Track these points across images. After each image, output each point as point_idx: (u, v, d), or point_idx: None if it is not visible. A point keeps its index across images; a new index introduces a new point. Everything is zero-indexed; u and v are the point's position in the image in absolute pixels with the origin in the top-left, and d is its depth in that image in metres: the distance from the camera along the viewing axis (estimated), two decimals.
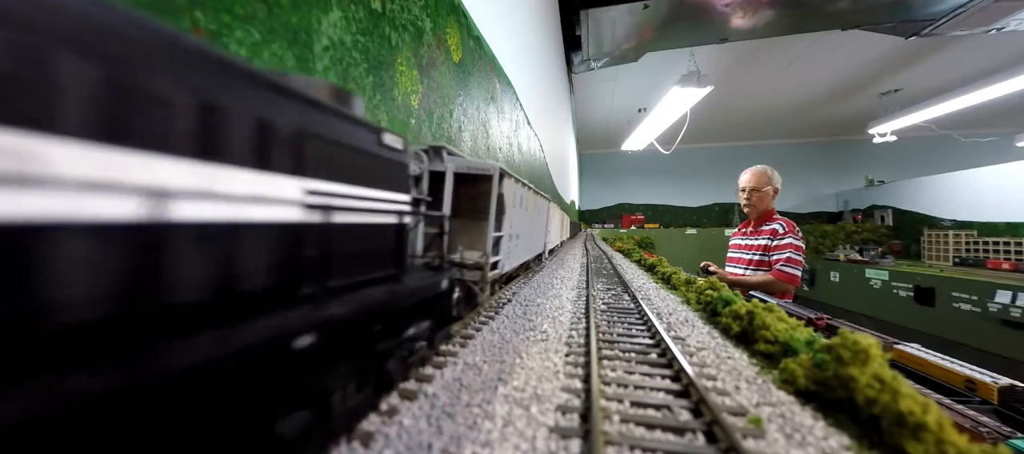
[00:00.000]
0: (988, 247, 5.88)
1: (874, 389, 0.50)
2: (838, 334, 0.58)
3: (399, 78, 1.19)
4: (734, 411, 0.55)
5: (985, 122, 8.44)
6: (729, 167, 4.57)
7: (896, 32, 4.76)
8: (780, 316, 0.84)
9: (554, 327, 0.95)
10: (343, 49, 0.92)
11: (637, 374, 0.68)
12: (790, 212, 10.00)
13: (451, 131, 1.63)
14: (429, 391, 0.59)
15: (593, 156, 12.50)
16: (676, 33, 4.98)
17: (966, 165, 6.89)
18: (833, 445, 0.48)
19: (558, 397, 0.58)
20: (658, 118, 7.06)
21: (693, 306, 1.25)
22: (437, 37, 1.47)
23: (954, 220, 6.80)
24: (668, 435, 0.49)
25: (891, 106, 7.87)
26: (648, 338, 0.89)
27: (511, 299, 1.27)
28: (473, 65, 1.89)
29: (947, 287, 4.79)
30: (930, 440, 0.44)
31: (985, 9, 4.07)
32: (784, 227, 2.61)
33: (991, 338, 4.19)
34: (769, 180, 2.74)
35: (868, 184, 9.53)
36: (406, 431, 0.48)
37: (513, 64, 2.73)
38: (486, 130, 2.10)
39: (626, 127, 8.92)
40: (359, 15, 0.97)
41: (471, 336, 0.86)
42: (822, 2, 4.24)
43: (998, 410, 0.99)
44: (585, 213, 12.23)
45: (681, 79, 5.45)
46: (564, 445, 0.45)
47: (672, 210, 11.88)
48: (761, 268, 2.65)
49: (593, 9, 4.33)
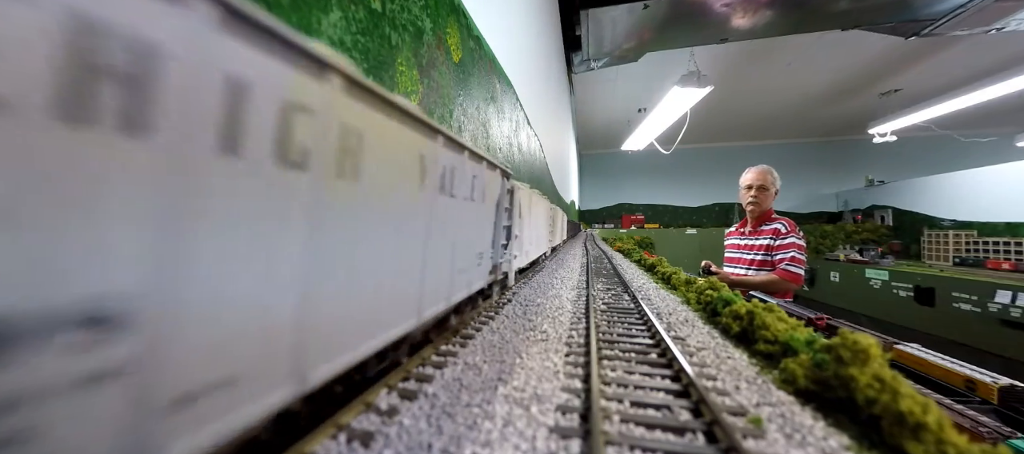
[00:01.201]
0: (988, 247, 5.88)
1: (874, 389, 0.50)
2: (838, 334, 0.58)
3: (399, 78, 1.19)
4: (734, 411, 0.55)
5: (985, 122, 8.44)
6: (729, 167, 4.57)
7: (896, 32, 4.76)
8: (780, 316, 0.84)
9: (554, 327, 0.95)
10: (343, 49, 0.92)
11: (637, 374, 0.68)
12: (790, 212, 10.00)
13: (451, 131, 1.63)
14: (429, 391, 0.59)
15: (593, 156, 12.50)
16: (676, 33, 4.98)
17: (966, 165, 6.90)
18: (833, 445, 0.48)
19: (558, 397, 0.58)
20: (658, 118, 7.07)
21: (693, 306, 1.25)
22: (437, 37, 1.47)
23: (954, 220, 6.81)
24: (668, 435, 0.49)
25: (891, 106, 7.88)
26: (648, 338, 0.89)
27: (511, 299, 1.27)
28: (473, 65, 1.89)
29: (947, 287, 4.79)
30: (930, 440, 0.44)
31: (985, 9, 4.07)
32: (786, 227, 2.61)
33: (991, 338, 4.19)
34: (772, 179, 2.75)
35: (868, 184, 9.53)
36: (406, 431, 0.48)
37: (513, 64, 2.73)
38: (486, 130, 2.10)
39: (626, 127, 8.92)
40: (359, 15, 0.97)
41: (471, 336, 0.86)
42: (822, 2, 4.24)
43: (998, 410, 0.99)
44: (585, 213, 12.23)
45: (681, 79, 5.45)
46: (564, 445, 0.45)
47: (672, 210, 11.89)
48: (764, 268, 2.65)
49: (593, 9, 4.33)
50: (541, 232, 2.06)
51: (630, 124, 8.64)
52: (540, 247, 2.02)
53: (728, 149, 11.30)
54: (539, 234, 1.97)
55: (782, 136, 11.14)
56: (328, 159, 0.37)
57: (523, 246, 1.43)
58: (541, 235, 2.05)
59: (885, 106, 7.98)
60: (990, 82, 5.90)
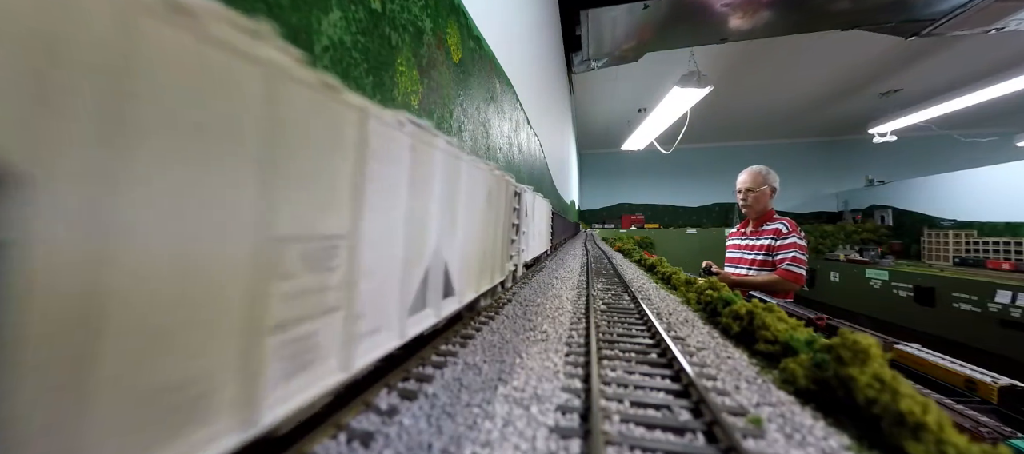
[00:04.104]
0: (988, 247, 5.88)
1: (874, 389, 0.50)
2: (838, 334, 0.58)
3: (399, 78, 1.19)
4: (734, 411, 0.55)
5: (985, 122, 8.44)
6: (729, 167, 4.57)
7: (896, 32, 4.75)
8: (780, 316, 0.84)
9: (554, 327, 0.95)
10: (343, 49, 0.92)
11: (637, 374, 0.68)
12: (790, 212, 10.00)
13: (451, 131, 1.63)
14: (429, 391, 0.59)
15: (593, 156, 12.50)
16: (676, 33, 4.97)
17: (966, 165, 6.89)
18: (833, 445, 0.48)
19: (558, 397, 0.57)
20: (658, 118, 7.06)
21: (693, 306, 1.25)
22: (437, 37, 1.47)
23: (954, 220, 6.80)
24: (668, 435, 0.49)
25: (891, 106, 7.87)
26: (648, 338, 0.89)
27: (511, 299, 1.27)
28: (473, 65, 1.89)
29: (947, 287, 4.78)
30: (930, 440, 0.44)
31: (985, 9, 4.06)
32: (787, 227, 2.61)
33: (991, 338, 4.19)
34: (765, 180, 2.75)
35: (868, 184, 9.53)
36: (406, 431, 0.48)
37: (513, 64, 2.73)
38: (486, 130, 2.10)
39: (626, 127, 8.92)
40: (359, 15, 0.97)
41: (471, 336, 0.86)
42: (822, 2, 4.24)
43: (998, 410, 0.99)
44: (585, 213, 12.23)
45: (681, 79, 5.45)
46: (564, 445, 0.45)
47: (672, 210, 11.89)
48: (765, 268, 2.65)
49: (593, 9, 4.33)
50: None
51: (630, 124, 8.64)
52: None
53: (728, 149, 11.29)
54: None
55: (782, 136, 11.13)
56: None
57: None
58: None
59: (885, 106, 7.98)
60: (990, 82, 5.90)
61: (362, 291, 0.43)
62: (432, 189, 0.59)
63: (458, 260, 0.71)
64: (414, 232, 0.55)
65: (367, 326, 0.45)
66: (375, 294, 0.46)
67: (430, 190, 0.58)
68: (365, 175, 0.42)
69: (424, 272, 0.58)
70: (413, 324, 0.56)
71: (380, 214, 0.46)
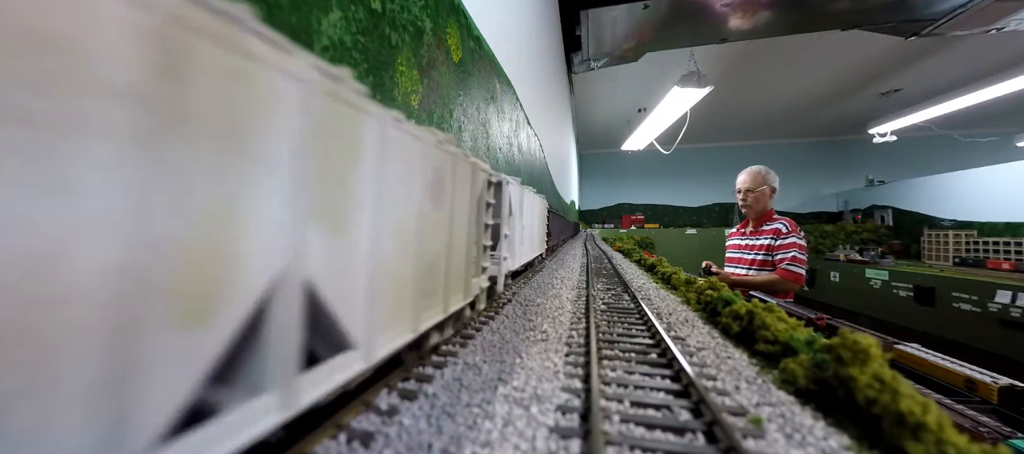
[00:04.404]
0: (988, 247, 5.88)
1: (874, 389, 0.50)
2: (838, 334, 0.58)
3: (399, 78, 1.19)
4: (734, 411, 0.55)
5: (985, 122, 8.44)
6: (729, 167, 4.56)
7: (896, 32, 4.75)
8: (780, 316, 0.85)
9: (554, 327, 0.95)
10: (343, 49, 0.92)
11: (637, 374, 0.68)
12: (790, 212, 10.00)
13: (451, 131, 1.63)
14: (429, 391, 0.59)
15: (593, 156, 12.50)
16: (676, 33, 4.98)
17: (966, 165, 6.89)
18: (833, 445, 0.48)
19: (558, 397, 0.58)
20: (658, 118, 7.07)
21: (693, 306, 1.25)
22: (437, 37, 1.47)
23: (954, 220, 6.81)
24: (668, 435, 0.49)
25: (891, 106, 7.88)
26: (648, 338, 0.89)
27: (511, 299, 1.27)
28: (473, 65, 1.89)
29: (947, 287, 4.78)
30: (930, 440, 0.44)
31: (985, 9, 4.06)
32: (787, 227, 2.61)
33: (991, 338, 4.19)
34: (765, 180, 2.75)
35: (868, 184, 9.53)
36: (406, 431, 0.48)
37: (513, 64, 2.73)
38: (486, 130, 2.10)
39: (626, 127, 8.92)
40: (359, 15, 0.97)
41: (471, 336, 0.86)
42: (822, 2, 4.24)
43: (998, 410, 0.99)
44: (585, 213, 12.23)
45: (681, 79, 5.45)
46: (564, 445, 0.45)
47: (672, 210, 11.89)
48: (765, 268, 2.65)
49: (593, 9, 4.33)
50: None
51: (630, 124, 8.64)
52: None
53: (728, 149, 11.30)
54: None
55: (782, 136, 11.13)
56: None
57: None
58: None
59: (885, 106, 7.98)
60: (990, 82, 5.90)
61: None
62: (263, 157, 0.30)
63: (357, 284, 0.42)
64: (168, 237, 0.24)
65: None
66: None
67: (255, 159, 0.29)
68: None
69: (244, 313, 0.29)
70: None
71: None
